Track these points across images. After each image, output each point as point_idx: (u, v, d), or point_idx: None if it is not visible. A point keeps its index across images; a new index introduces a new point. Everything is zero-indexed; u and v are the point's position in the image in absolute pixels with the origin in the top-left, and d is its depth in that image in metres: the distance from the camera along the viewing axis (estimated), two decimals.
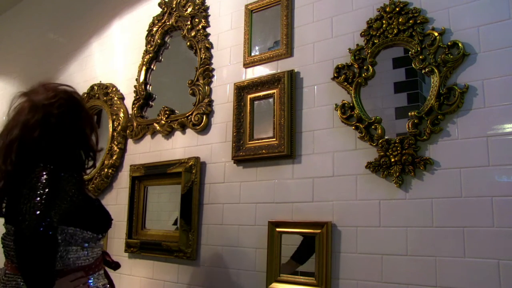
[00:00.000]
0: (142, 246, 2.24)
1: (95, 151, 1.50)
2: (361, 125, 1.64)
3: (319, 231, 1.65)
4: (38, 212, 1.15)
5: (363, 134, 1.62)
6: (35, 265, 1.12)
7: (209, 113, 2.16)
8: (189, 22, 2.36)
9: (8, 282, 1.28)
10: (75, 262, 1.33)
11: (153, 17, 2.58)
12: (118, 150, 2.54)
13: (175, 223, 2.21)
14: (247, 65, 2.06)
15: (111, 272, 1.54)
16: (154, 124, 2.38)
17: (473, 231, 1.35)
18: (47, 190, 1.21)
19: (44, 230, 1.13)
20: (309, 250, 1.67)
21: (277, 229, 1.77)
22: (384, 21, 1.65)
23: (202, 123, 2.15)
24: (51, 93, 1.41)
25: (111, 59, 2.86)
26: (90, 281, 1.36)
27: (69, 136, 1.39)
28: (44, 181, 1.23)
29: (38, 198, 1.18)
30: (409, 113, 1.53)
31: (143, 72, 2.53)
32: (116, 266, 1.55)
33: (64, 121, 1.37)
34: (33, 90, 1.44)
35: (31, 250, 1.12)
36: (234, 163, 2.00)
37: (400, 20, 1.61)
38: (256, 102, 1.97)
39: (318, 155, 1.74)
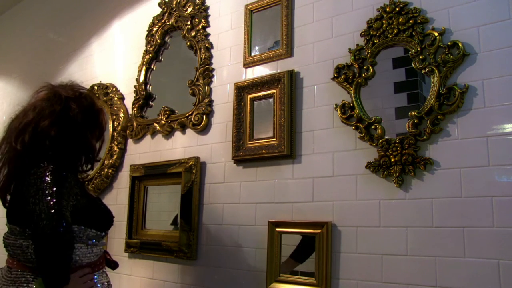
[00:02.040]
0: (142, 246, 2.24)
1: (95, 155, 1.53)
2: (361, 125, 1.64)
3: (319, 231, 1.65)
4: (52, 211, 1.18)
5: (363, 134, 1.62)
6: (56, 263, 1.16)
7: (209, 113, 2.16)
8: (189, 22, 2.36)
9: (17, 278, 1.30)
10: (81, 259, 1.35)
11: (153, 17, 2.58)
12: (118, 150, 2.54)
13: (173, 222, 2.21)
14: (247, 65, 2.06)
15: (109, 272, 1.55)
16: (154, 124, 2.38)
17: (473, 231, 1.35)
18: (54, 189, 1.24)
19: (64, 230, 1.17)
20: (308, 249, 1.67)
21: (277, 229, 1.77)
22: (384, 21, 1.65)
23: (202, 123, 2.15)
24: (77, 92, 1.48)
25: (111, 59, 2.86)
26: (95, 277, 1.39)
27: (77, 134, 1.42)
28: (49, 180, 1.25)
29: (49, 198, 1.21)
30: (409, 113, 1.53)
31: (143, 72, 2.53)
32: (115, 265, 1.56)
33: (79, 119, 1.42)
34: (61, 84, 1.51)
35: (52, 249, 1.15)
36: (234, 163, 2.00)
37: (400, 20, 1.61)
38: (256, 102, 1.97)
39: (318, 155, 1.74)
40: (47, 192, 1.22)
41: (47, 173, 1.26)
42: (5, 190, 1.39)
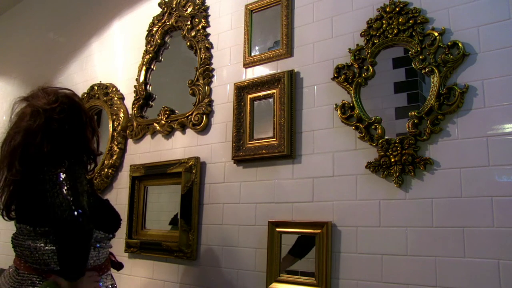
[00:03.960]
0: (142, 246, 2.24)
1: (96, 154, 1.52)
2: (361, 125, 1.64)
3: (319, 231, 1.65)
4: (72, 203, 1.21)
5: (363, 134, 1.62)
6: (77, 251, 1.20)
7: (209, 113, 2.16)
8: (189, 22, 2.36)
9: (23, 281, 1.30)
10: (88, 262, 1.34)
11: (153, 17, 2.58)
12: (118, 150, 2.54)
13: (171, 222, 2.21)
14: (247, 65, 2.06)
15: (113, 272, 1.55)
16: (154, 124, 2.38)
17: (473, 231, 1.35)
18: (71, 184, 1.26)
19: (85, 220, 1.21)
20: (306, 244, 1.67)
21: (277, 229, 1.77)
22: (384, 21, 1.65)
23: (202, 123, 2.15)
24: (52, 97, 1.41)
25: (111, 59, 2.86)
26: (100, 281, 1.38)
27: (71, 141, 1.40)
28: (64, 177, 1.27)
29: (67, 191, 1.24)
30: (409, 113, 1.53)
31: (143, 72, 2.53)
32: (119, 266, 1.56)
33: (66, 126, 1.38)
34: (33, 94, 1.44)
35: (74, 238, 1.19)
36: (234, 163, 2.00)
37: (400, 20, 1.61)
38: (256, 102, 1.97)
39: (318, 155, 1.74)
40: (64, 186, 1.24)
41: (62, 170, 1.28)
42: (9, 206, 1.39)
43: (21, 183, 1.34)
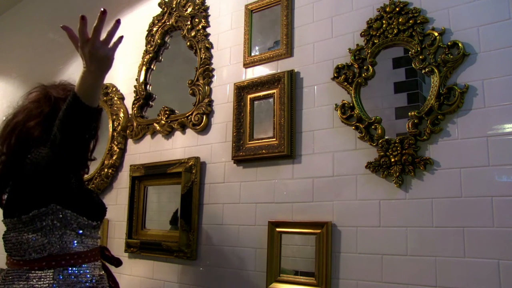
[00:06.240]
0: (142, 246, 2.24)
1: (88, 159, 1.52)
2: (361, 125, 1.64)
3: (319, 231, 1.65)
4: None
5: (363, 134, 1.62)
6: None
7: (209, 113, 2.16)
8: (189, 22, 2.36)
9: (7, 276, 1.31)
10: (69, 246, 1.33)
11: (153, 17, 2.58)
12: (118, 150, 2.54)
13: (171, 222, 2.21)
14: (247, 65, 2.06)
15: (112, 269, 1.54)
16: (154, 124, 2.38)
17: (473, 231, 1.35)
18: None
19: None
20: None
21: (277, 229, 1.77)
22: (384, 21, 1.65)
23: (202, 123, 2.15)
24: (68, 92, 1.45)
25: None
26: (87, 271, 1.36)
27: None
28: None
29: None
30: (409, 113, 1.53)
31: (143, 72, 2.53)
32: (117, 263, 1.55)
33: None
34: (52, 84, 1.51)
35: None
36: (234, 163, 2.00)
37: (400, 20, 1.61)
38: (256, 102, 1.97)
39: (318, 155, 1.74)
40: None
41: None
42: (1, 189, 1.40)
43: (8, 160, 1.35)
